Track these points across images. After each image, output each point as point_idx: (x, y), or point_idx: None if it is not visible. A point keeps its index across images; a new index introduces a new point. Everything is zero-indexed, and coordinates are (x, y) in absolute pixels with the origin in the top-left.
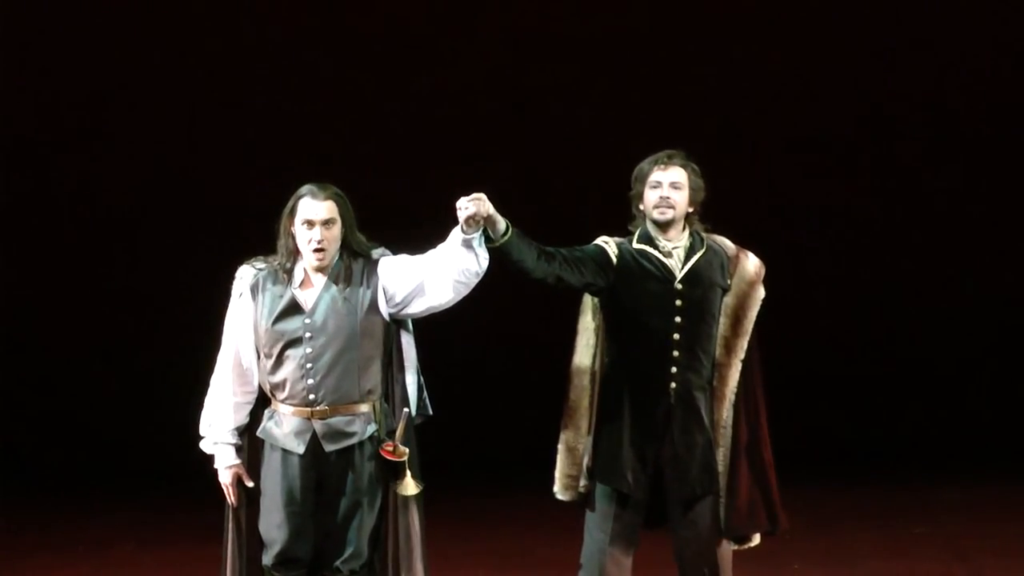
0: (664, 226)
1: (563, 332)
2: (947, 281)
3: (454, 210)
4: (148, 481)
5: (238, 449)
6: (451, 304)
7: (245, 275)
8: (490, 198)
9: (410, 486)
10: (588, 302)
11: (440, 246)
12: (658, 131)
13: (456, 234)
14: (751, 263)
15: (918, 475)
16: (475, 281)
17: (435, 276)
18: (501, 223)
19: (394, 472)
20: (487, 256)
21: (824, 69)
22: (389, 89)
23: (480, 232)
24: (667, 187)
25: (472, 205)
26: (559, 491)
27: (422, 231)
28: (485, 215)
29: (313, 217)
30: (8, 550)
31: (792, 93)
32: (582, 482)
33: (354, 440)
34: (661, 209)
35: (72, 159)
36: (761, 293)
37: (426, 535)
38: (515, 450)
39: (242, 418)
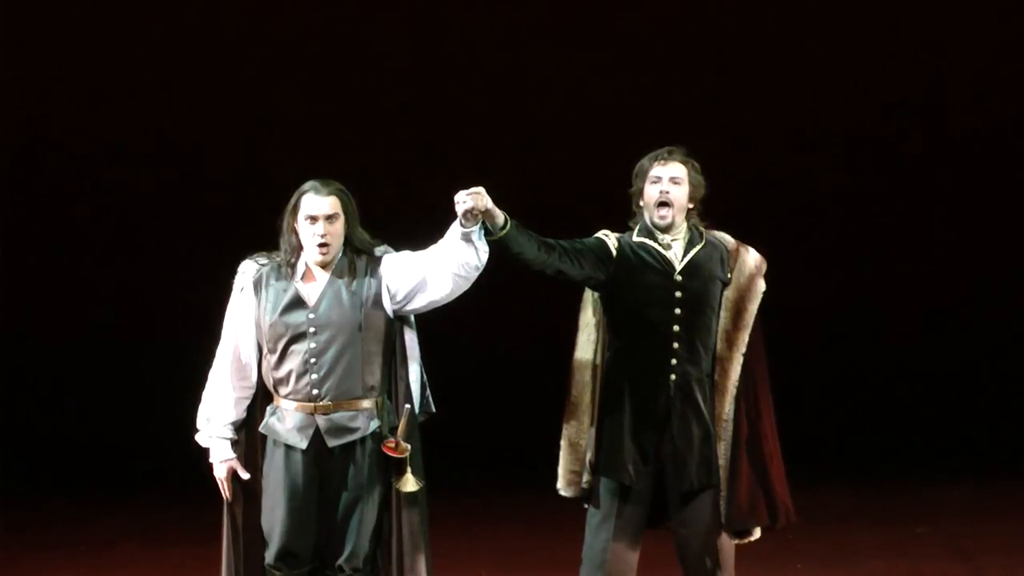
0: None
1: (565, 330)
2: (947, 280)
3: (452, 205)
4: (148, 481)
5: (234, 443)
6: (451, 297)
7: (247, 270)
8: (488, 194)
9: (410, 482)
10: (589, 297)
11: (440, 240)
12: (658, 130)
13: (455, 228)
14: (751, 257)
15: (918, 475)
16: (475, 275)
17: (436, 270)
18: (500, 216)
19: (396, 468)
20: (487, 249)
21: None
22: (389, 87)
23: (479, 226)
24: (667, 182)
25: (470, 199)
26: (562, 487)
27: (421, 228)
28: (483, 209)
29: (316, 212)
30: (8, 550)
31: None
32: (585, 477)
33: (357, 436)
34: (661, 213)
35: (70, 159)
36: (762, 286)
37: (429, 533)
38: (516, 449)
39: (240, 412)
